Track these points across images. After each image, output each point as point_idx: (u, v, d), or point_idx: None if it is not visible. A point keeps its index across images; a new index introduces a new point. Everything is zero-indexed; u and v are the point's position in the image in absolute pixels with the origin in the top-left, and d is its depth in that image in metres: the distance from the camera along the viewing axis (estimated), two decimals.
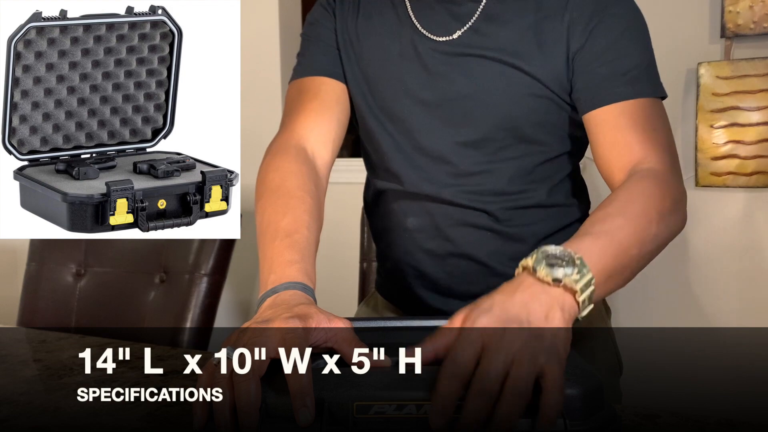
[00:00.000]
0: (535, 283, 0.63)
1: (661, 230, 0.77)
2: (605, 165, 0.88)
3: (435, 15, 0.95)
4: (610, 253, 0.69)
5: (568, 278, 0.62)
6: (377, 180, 1.03)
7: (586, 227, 0.72)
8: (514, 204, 0.95)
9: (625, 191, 0.79)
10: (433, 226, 0.97)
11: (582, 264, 0.64)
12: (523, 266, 0.65)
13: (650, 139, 0.85)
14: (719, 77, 1.56)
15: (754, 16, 1.53)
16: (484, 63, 0.92)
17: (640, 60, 0.90)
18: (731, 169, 1.56)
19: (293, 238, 0.79)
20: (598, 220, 0.73)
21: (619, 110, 0.87)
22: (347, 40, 1.00)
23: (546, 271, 0.62)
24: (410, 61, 0.96)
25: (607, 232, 0.71)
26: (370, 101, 0.99)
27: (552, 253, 0.64)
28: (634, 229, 0.73)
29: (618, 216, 0.74)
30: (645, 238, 0.74)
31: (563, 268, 0.62)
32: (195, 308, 1.40)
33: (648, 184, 0.79)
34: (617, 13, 0.90)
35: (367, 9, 1.00)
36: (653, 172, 0.82)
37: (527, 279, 0.63)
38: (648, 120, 0.86)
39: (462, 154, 0.94)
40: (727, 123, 1.56)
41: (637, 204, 0.76)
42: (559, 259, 0.63)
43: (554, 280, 0.62)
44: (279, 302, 0.69)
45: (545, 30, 0.91)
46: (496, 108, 0.92)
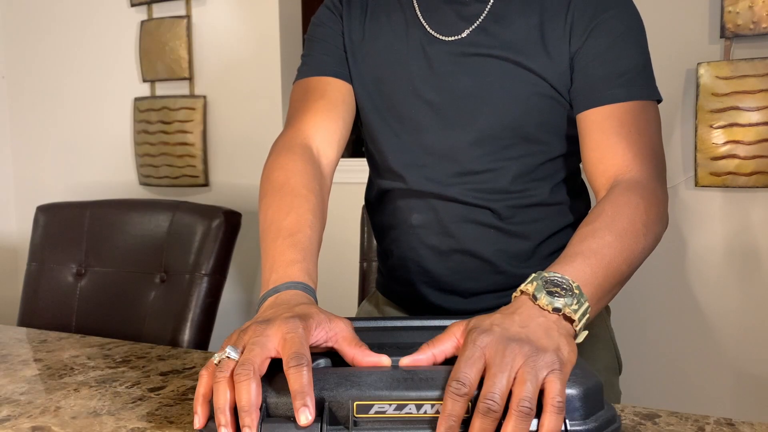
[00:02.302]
0: (534, 308, 0.63)
1: (648, 242, 0.78)
2: (589, 166, 0.89)
3: (443, 15, 0.97)
4: (601, 274, 0.70)
5: (568, 308, 0.64)
6: (381, 180, 1.04)
7: (576, 245, 0.73)
8: (517, 202, 0.96)
9: (611, 204, 0.79)
10: (437, 222, 0.98)
11: (580, 293, 0.65)
12: (522, 291, 0.66)
13: (636, 144, 0.86)
14: (719, 77, 1.56)
15: (754, 17, 1.53)
16: (491, 62, 0.93)
17: (636, 62, 0.91)
18: (731, 170, 1.56)
19: (296, 237, 0.79)
20: (587, 237, 0.74)
21: (609, 112, 0.88)
22: (355, 41, 1.01)
23: (547, 300, 0.63)
24: (418, 62, 0.97)
25: (596, 252, 0.71)
26: (377, 101, 1.00)
27: (551, 280, 0.65)
28: (623, 246, 0.74)
29: (606, 232, 0.74)
30: (633, 254, 0.75)
31: (563, 298, 0.64)
32: (195, 308, 1.40)
33: (633, 196, 0.80)
34: (616, 16, 0.91)
35: (374, 10, 1.02)
36: (636, 182, 0.83)
37: (526, 303, 0.64)
38: (636, 124, 0.87)
39: (468, 152, 0.95)
40: (726, 123, 1.56)
41: (624, 218, 0.77)
42: (558, 288, 0.65)
43: (554, 310, 0.63)
44: (280, 302, 0.69)
45: (549, 30, 0.92)
46: (502, 107, 0.93)
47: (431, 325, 0.75)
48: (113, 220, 1.57)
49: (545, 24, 0.92)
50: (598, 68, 0.90)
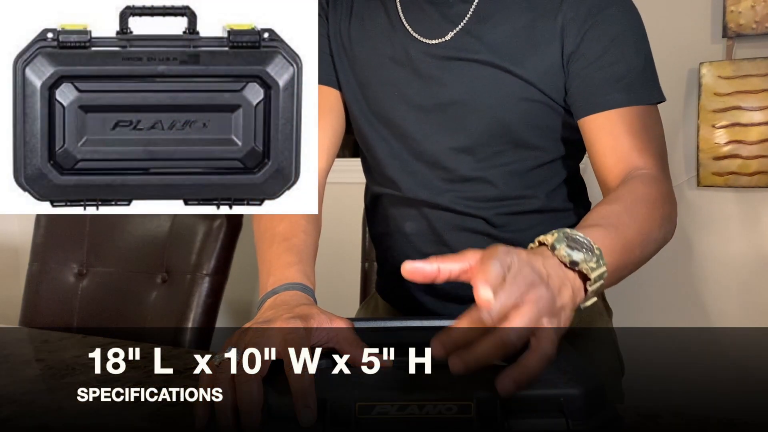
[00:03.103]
0: (552, 258, 0.61)
1: (661, 235, 0.78)
2: (601, 170, 0.87)
3: (426, 17, 0.93)
4: (618, 249, 0.68)
5: (586, 264, 0.61)
6: (374, 185, 1.03)
7: (594, 218, 0.71)
8: (510, 210, 0.94)
9: (629, 192, 0.78)
10: (430, 231, 0.97)
11: (600, 255, 0.63)
12: (541, 242, 0.64)
13: (646, 146, 0.85)
14: (721, 77, 1.56)
15: (756, 16, 1.53)
16: (477, 67, 0.90)
17: (636, 64, 0.88)
18: (733, 169, 1.56)
19: (291, 241, 0.79)
20: (607, 215, 0.72)
21: (614, 116, 0.86)
22: (340, 45, 0.99)
23: (566, 251, 0.61)
24: (402, 66, 0.94)
25: (616, 228, 0.70)
26: (364, 107, 0.98)
27: (572, 236, 0.63)
28: (640, 229, 0.73)
29: (624, 214, 0.73)
30: (648, 240, 0.75)
31: (583, 253, 0.61)
32: (197, 308, 1.40)
33: (650, 188, 0.80)
34: (613, 14, 0.87)
35: (359, 13, 0.99)
36: (652, 177, 0.82)
37: (545, 252, 0.62)
38: (643, 127, 0.86)
39: (456, 159, 0.93)
40: (728, 123, 1.56)
41: (643, 206, 0.76)
42: (579, 244, 0.62)
43: (571, 263, 0.61)
44: (279, 303, 0.69)
45: (538, 30, 0.88)
46: (489, 113, 0.90)
47: (432, 326, 0.75)
48: (115, 220, 1.56)
49: (534, 24, 0.88)
50: (598, 71, 0.86)
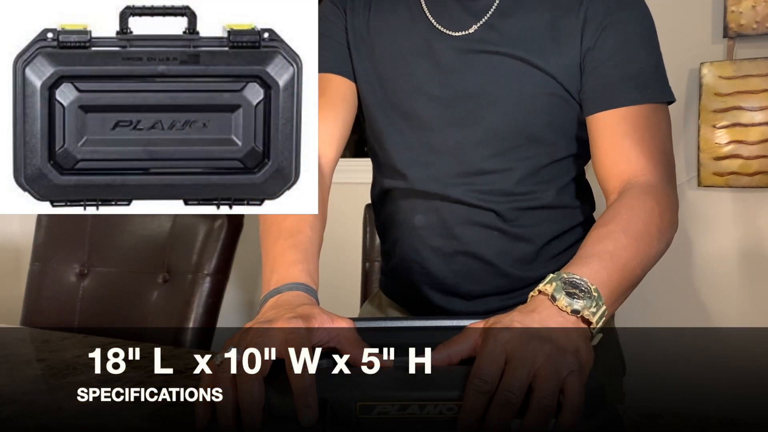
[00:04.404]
0: (553, 308, 0.63)
1: (661, 246, 0.79)
2: (601, 169, 0.88)
3: (450, 11, 0.95)
4: (617, 277, 0.70)
5: (587, 311, 0.64)
6: (384, 179, 1.03)
7: (591, 246, 0.73)
8: (521, 205, 0.95)
9: (625, 207, 0.79)
10: (440, 224, 0.97)
11: (599, 296, 0.65)
12: (540, 291, 0.66)
13: (649, 147, 0.85)
14: (722, 77, 1.56)
15: (757, 16, 1.53)
16: (500, 59, 0.92)
17: (649, 63, 0.89)
18: (734, 169, 1.56)
19: (297, 238, 0.79)
20: (603, 238, 0.74)
21: (622, 115, 0.87)
22: (359, 37, 1.00)
23: (566, 301, 0.63)
24: (423, 58, 0.95)
25: (612, 254, 0.71)
26: (381, 98, 0.98)
27: (570, 281, 0.65)
28: (637, 249, 0.74)
29: (621, 234, 0.74)
30: (647, 257, 0.76)
31: (582, 300, 0.64)
32: (198, 308, 1.40)
33: (648, 200, 0.80)
34: (629, 16, 0.89)
35: (379, 4, 1.00)
36: (651, 186, 0.82)
37: (545, 303, 0.64)
38: (649, 126, 0.86)
39: (472, 152, 0.93)
40: (729, 123, 1.56)
41: (639, 222, 0.77)
42: (577, 290, 0.65)
43: (573, 312, 0.63)
44: (281, 303, 0.69)
45: (561, 26, 0.90)
46: (508, 105, 0.92)
47: (435, 326, 0.75)
48: (116, 220, 1.56)
49: (556, 20, 0.90)
50: (611, 69, 0.88)
